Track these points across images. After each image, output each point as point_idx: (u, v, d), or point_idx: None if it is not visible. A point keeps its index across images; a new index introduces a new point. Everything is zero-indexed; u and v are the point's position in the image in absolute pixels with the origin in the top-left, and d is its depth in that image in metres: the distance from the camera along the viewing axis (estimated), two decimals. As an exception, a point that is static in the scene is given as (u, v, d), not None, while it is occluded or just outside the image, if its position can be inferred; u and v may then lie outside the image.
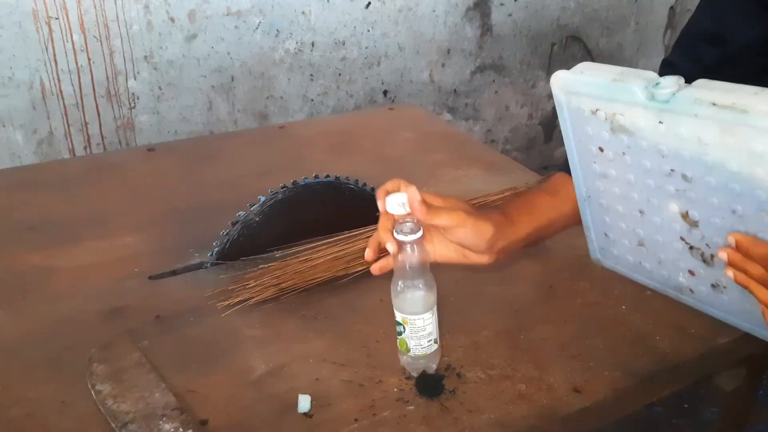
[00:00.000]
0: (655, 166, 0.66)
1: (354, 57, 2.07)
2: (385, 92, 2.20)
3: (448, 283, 0.77)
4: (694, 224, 0.66)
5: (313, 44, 1.97)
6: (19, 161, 1.66)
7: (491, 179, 1.27)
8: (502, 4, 2.30)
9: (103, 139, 1.76)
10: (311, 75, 2.01)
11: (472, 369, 0.80)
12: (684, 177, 0.64)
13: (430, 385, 0.77)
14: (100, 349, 0.81)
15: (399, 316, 0.75)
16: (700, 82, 0.60)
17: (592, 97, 0.67)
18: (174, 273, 0.97)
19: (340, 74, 2.07)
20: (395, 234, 0.71)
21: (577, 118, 0.71)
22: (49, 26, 1.57)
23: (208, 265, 0.99)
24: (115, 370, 0.78)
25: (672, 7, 2.78)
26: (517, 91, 2.52)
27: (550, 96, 2.54)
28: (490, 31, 2.33)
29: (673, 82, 0.60)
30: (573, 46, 2.57)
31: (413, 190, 0.71)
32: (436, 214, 0.72)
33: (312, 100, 2.05)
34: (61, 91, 1.65)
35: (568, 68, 0.68)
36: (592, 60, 2.62)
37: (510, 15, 2.34)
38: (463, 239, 0.75)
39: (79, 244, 1.04)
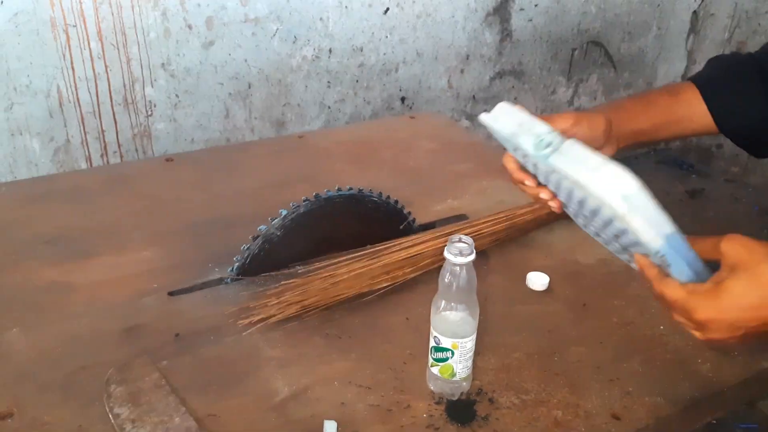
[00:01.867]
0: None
1: (372, 63, 2.04)
2: (402, 99, 2.17)
3: (477, 300, 0.74)
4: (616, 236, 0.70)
5: (330, 51, 1.95)
6: (35, 169, 1.65)
7: (517, 191, 1.23)
8: (522, 9, 2.27)
9: (119, 147, 1.74)
10: (329, 82, 1.99)
11: (505, 393, 0.77)
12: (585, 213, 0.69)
13: (461, 410, 0.74)
14: (118, 370, 0.78)
15: (447, 342, 0.72)
16: (568, 145, 0.65)
17: (504, 141, 0.74)
18: (194, 289, 0.95)
19: (357, 81, 2.04)
20: (448, 255, 0.70)
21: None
22: (67, 34, 1.55)
23: (228, 281, 0.96)
24: (134, 392, 0.75)
25: (695, 12, 2.73)
26: (537, 97, 2.48)
27: (570, 102, 2.52)
28: (510, 36, 2.30)
29: (552, 140, 0.65)
30: (594, 52, 2.52)
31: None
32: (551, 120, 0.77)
33: (329, 107, 2.03)
34: (78, 99, 1.63)
35: (588, 74, 0.74)
36: (614, 66, 2.57)
37: (530, 20, 2.30)
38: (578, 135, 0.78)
39: (95, 258, 1.01)
